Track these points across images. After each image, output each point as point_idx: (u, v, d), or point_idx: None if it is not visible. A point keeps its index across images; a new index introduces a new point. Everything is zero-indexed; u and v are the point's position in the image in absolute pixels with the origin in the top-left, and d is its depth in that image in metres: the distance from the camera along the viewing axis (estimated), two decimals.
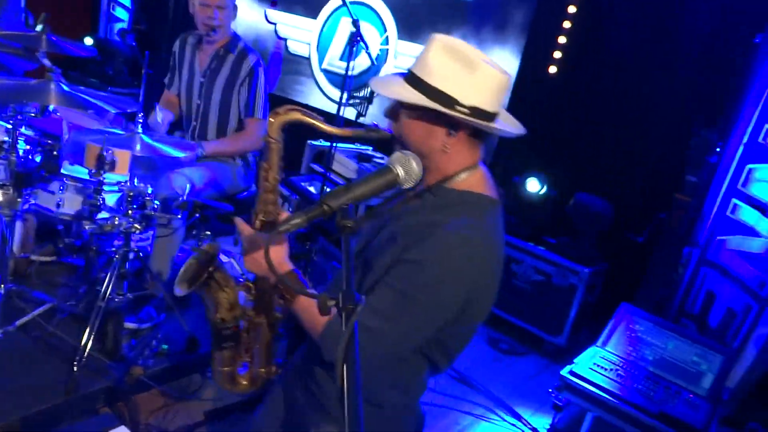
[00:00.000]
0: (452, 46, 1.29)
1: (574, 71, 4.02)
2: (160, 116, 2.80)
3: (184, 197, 2.29)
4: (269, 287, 1.43)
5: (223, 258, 3.76)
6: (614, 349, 3.19)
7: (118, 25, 5.95)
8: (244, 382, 1.52)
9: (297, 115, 1.35)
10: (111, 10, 5.96)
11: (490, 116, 1.32)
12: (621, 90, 3.94)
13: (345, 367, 0.77)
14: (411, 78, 1.30)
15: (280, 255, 1.36)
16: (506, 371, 3.76)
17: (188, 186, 2.32)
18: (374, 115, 4.70)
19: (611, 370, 3.06)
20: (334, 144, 3.14)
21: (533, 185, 3.94)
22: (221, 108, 2.92)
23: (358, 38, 2.94)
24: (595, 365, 3.08)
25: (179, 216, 2.30)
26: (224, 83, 2.89)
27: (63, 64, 5.61)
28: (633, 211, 3.89)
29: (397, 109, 1.35)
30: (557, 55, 3.99)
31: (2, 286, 2.24)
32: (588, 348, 3.27)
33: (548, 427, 3.24)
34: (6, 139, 2.11)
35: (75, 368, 2.17)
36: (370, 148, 4.45)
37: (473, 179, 1.38)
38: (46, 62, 2.91)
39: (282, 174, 1.42)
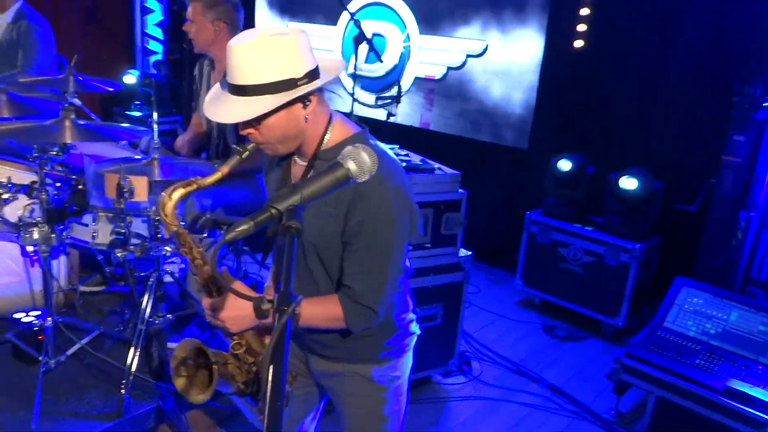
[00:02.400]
0: (247, 42, 1.34)
1: (601, 42, 3.87)
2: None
3: (207, 216, 2.34)
4: (251, 332, 1.54)
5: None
6: (672, 325, 3.04)
7: (153, 58, 6.16)
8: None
9: (180, 192, 1.44)
10: (145, 44, 6.18)
11: (318, 71, 1.40)
12: (653, 55, 3.76)
13: (272, 367, 0.76)
14: (240, 89, 1.36)
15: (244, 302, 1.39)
16: (564, 358, 3.65)
17: (209, 204, 2.36)
18: (403, 113, 4.69)
19: (670, 347, 2.92)
20: None
21: (567, 164, 3.81)
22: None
23: (362, 39, 2.92)
24: (652, 344, 2.95)
25: (205, 234, 2.34)
26: None
27: (107, 102, 5.89)
28: (681, 179, 3.71)
29: (250, 122, 1.39)
30: (581, 28, 3.85)
31: (50, 319, 2.34)
32: (645, 326, 3.14)
33: (612, 412, 3.12)
34: (35, 179, 2.22)
35: (123, 391, 2.24)
36: None
37: (338, 130, 1.50)
38: (76, 101, 3.04)
39: (200, 244, 1.52)
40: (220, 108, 1.42)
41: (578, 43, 3.91)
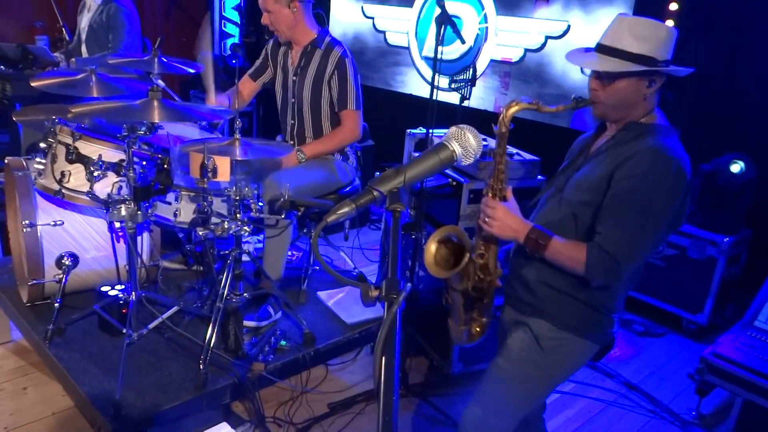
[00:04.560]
0: (635, 18, 1.60)
1: (693, 21, 3.64)
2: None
3: (286, 197, 2.34)
4: (493, 248, 1.74)
5: (343, 255, 3.84)
6: (765, 325, 2.86)
7: (230, 41, 6.27)
8: (478, 329, 1.84)
9: (522, 105, 1.68)
10: (222, 27, 6.30)
11: (670, 63, 1.63)
12: (745, 37, 3.51)
13: (384, 359, 0.71)
14: (611, 50, 1.60)
15: (519, 217, 1.68)
16: (642, 354, 3.51)
17: (287, 186, 2.37)
18: (477, 97, 4.58)
19: (763, 348, 2.75)
20: (431, 131, 3.06)
21: None
22: (312, 102, 2.95)
23: (445, 20, 2.84)
24: (742, 344, 2.79)
25: (283, 216, 2.35)
26: (313, 78, 2.93)
27: (185, 85, 6.04)
28: None
29: (604, 79, 1.63)
30: (673, 6, 3.62)
31: (134, 293, 2.42)
32: (734, 325, 2.97)
33: (693, 413, 2.98)
34: (123, 157, 2.28)
35: (201, 366, 2.30)
36: None
37: (651, 117, 1.72)
38: (160, 83, 3.12)
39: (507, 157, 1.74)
40: (586, 60, 1.67)
41: (669, 23, 3.68)
